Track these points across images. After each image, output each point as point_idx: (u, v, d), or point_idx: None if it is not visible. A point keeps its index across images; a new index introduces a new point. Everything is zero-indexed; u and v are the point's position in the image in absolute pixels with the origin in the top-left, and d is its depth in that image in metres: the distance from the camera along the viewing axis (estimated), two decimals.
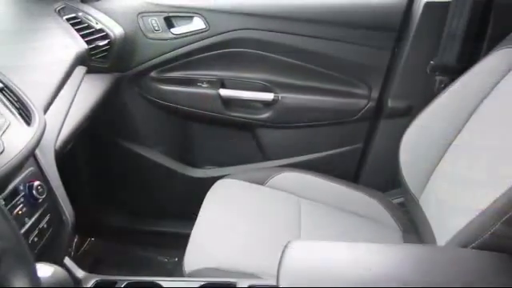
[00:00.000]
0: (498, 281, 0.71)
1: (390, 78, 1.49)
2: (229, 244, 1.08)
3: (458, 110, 1.13)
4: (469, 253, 0.77)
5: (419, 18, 1.37)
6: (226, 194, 1.29)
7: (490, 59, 1.11)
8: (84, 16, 1.35)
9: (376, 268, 0.72)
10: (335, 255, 0.76)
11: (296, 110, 1.55)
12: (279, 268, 0.72)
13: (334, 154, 1.59)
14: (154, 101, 1.57)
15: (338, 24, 1.46)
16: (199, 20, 1.48)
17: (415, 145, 1.23)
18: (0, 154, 0.70)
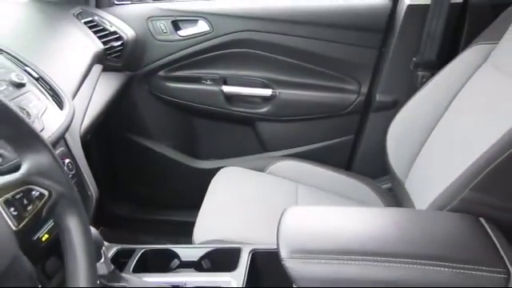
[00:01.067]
0: (462, 237, 0.81)
1: (378, 75, 1.57)
2: (232, 220, 1.17)
3: (438, 101, 1.21)
4: (441, 214, 0.88)
5: (402, 19, 1.46)
6: (230, 179, 1.37)
7: (465, 55, 1.20)
8: (99, 20, 1.46)
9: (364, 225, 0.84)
10: (328, 217, 0.87)
11: (292, 104, 1.63)
12: (278, 230, 0.83)
13: (327, 144, 1.66)
14: (162, 97, 1.66)
15: (330, 26, 1.54)
16: (204, 23, 1.57)
17: (400, 134, 1.30)
18: (41, 131, 0.81)
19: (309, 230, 0.83)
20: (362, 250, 0.76)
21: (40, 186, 0.55)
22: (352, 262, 0.75)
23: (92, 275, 0.58)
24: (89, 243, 0.59)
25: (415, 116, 1.27)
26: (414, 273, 0.73)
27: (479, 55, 1.16)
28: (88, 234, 0.59)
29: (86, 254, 0.58)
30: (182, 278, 0.90)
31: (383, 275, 0.74)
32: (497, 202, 0.86)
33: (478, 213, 0.87)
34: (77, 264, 0.57)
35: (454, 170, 0.93)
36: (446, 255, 0.75)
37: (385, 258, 0.74)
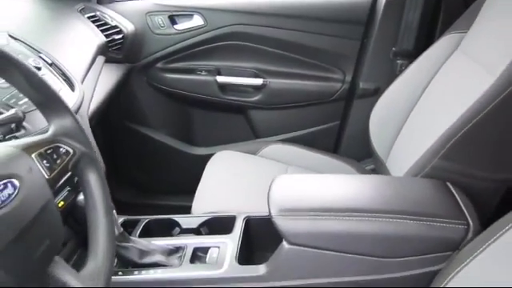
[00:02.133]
0: (430, 196, 0.91)
1: (361, 64, 1.65)
2: (228, 195, 1.25)
3: (415, 87, 1.28)
4: (412, 179, 0.98)
5: (382, 12, 1.54)
6: (224, 161, 1.44)
7: (439, 43, 1.27)
8: (101, 15, 1.54)
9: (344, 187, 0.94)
10: (312, 182, 0.97)
11: (282, 92, 1.71)
12: (268, 194, 0.92)
13: (315, 130, 1.74)
14: (159, 88, 1.74)
15: (316, 19, 1.62)
16: (198, 17, 1.66)
17: (382, 118, 1.38)
18: None
19: (295, 192, 0.93)
20: (342, 208, 0.86)
21: (66, 144, 0.65)
22: (333, 217, 0.85)
23: (110, 221, 0.68)
24: (106, 194, 0.68)
25: (395, 101, 1.34)
26: (387, 225, 0.83)
27: (451, 43, 1.24)
28: (105, 187, 0.69)
29: (104, 203, 0.68)
30: (183, 241, 0.99)
31: (360, 228, 0.84)
32: (461, 169, 0.96)
33: (446, 178, 0.97)
34: (96, 211, 0.67)
35: (425, 143, 1.02)
36: (415, 211, 0.85)
37: (361, 213, 0.85)
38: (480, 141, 0.95)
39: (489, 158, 0.97)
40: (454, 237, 0.82)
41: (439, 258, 0.83)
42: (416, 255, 0.84)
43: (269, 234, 0.94)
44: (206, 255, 0.95)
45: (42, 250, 0.55)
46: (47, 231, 0.56)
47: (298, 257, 0.86)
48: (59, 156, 0.63)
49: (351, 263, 0.85)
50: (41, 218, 0.55)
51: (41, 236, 0.55)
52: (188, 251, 0.95)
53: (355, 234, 0.84)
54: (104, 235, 0.66)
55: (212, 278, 0.89)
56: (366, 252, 0.85)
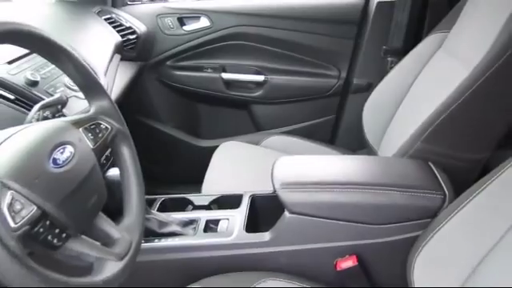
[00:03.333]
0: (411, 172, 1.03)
1: (354, 61, 1.76)
2: (234, 178, 1.36)
3: (403, 82, 1.38)
4: (397, 159, 1.10)
5: (373, 14, 1.66)
6: (230, 151, 1.55)
7: (425, 42, 1.37)
8: (116, 17, 1.67)
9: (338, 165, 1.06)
10: (311, 161, 1.09)
11: (282, 88, 1.82)
12: (272, 172, 1.04)
13: (313, 123, 1.85)
14: (169, 84, 1.86)
15: (313, 20, 1.73)
16: (205, 19, 1.78)
17: (374, 111, 1.47)
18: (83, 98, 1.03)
19: (295, 169, 1.05)
20: (336, 181, 0.98)
21: (104, 121, 0.77)
22: (328, 190, 0.97)
23: (140, 185, 0.80)
24: (137, 164, 0.81)
25: (385, 95, 1.44)
26: (375, 196, 0.95)
27: (436, 42, 1.34)
28: (136, 158, 0.81)
29: (135, 170, 0.80)
30: (196, 214, 1.11)
31: (351, 198, 0.96)
32: (441, 151, 1.07)
33: (427, 159, 1.07)
34: (129, 177, 0.79)
35: (410, 130, 1.13)
36: (399, 183, 0.97)
37: (353, 186, 0.97)
38: (456, 126, 1.05)
39: (465, 141, 1.07)
40: (433, 205, 0.94)
41: (420, 224, 0.94)
42: (400, 222, 0.95)
43: (272, 208, 1.06)
44: (217, 226, 1.07)
45: (91, 204, 0.67)
46: (95, 189, 0.69)
47: (297, 224, 0.98)
48: (100, 131, 0.75)
49: (344, 229, 0.97)
50: (90, 178, 0.67)
51: (90, 192, 0.67)
52: (201, 223, 1.07)
53: (347, 203, 0.96)
54: (136, 196, 0.78)
55: (223, 244, 1.00)
56: (357, 219, 0.96)
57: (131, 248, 0.71)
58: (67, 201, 0.61)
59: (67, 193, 0.62)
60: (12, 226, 0.52)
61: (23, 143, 0.61)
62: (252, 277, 0.96)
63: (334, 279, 0.99)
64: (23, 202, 0.55)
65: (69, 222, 0.61)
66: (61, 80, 1.04)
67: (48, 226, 0.58)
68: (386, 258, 0.98)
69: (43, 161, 0.61)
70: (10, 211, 0.53)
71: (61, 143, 0.64)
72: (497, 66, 0.98)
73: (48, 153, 0.62)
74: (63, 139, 0.65)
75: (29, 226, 0.54)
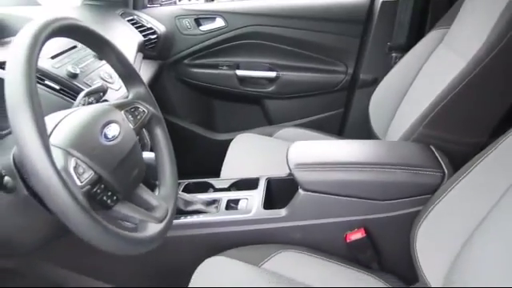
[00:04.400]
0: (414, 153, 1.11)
1: (361, 58, 1.83)
2: (250, 165, 1.44)
3: (407, 76, 1.44)
4: (401, 142, 1.19)
5: (378, 13, 1.73)
6: (245, 142, 1.63)
7: (427, 38, 1.44)
8: (138, 18, 1.77)
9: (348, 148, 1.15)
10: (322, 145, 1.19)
11: (293, 84, 1.90)
12: (287, 155, 1.13)
13: (322, 116, 1.93)
14: (186, 81, 1.96)
15: (321, 19, 1.82)
16: (220, 20, 1.87)
17: (379, 104, 1.54)
18: (119, 88, 1.14)
19: (308, 152, 1.14)
20: (346, 162, 1.07)
21: (142, 106, 0.87)
22: (338, 169, 1.06)
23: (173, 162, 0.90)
24: (169, 144, 0.90)
25: (390, 89, 1.50)
26: (380, 174, 1.04)
27: (437, 38, 1.41)
28: (168, 139, 0.91)
29: (168, 149, 0.90)
30: (218, 195, 1.20)
31: (359, 177, 1.05)
32: (441, 135, 1.15)
33: (429, 143, 1.16)
34: (163, 154, 0.89)
35: (413, 117, 1.21)
36: (401, 162, 1.05)
37: (361, 165, 1.06)
38: (455, 112, 1.13)
39: (463, 126, 1.15)
40: (433, 182, 1.02)
41: (422, 200, 1.02)
42: (404, 198, 1.04)
43: (286, 189, 1.16)
44: (237, 205, 1.16)
45: (134, 175, 0.77)
46: (136, 163, 0.79)
47: (311, 201, 1.07)
48: (138, 113, 0.85)
49: (353, 205, 1.05)
50: (133, 152, 0.77)
51: (133, 165, 0.77)
52: (223, 202, 1.16)
53: (356, 181, 1.05)
54: (169, 170, 0.88)
55: (243, 220, 1.10)
56: (365, 196, 1.05)
57: (168, 213, 0.81)
58: (117, 170, 0.71)
59: (116, 163, 0.72)
60: (78, 184, 0.62)
61: (79, 121, 0.71)
62: (269, 249, 1.05)
63: (344, 251, 1.07)
64: (84, 168, 0.65)
65: (118, 188, 0.71)
66: (97, 73, 1.15)
67: (103, 189, 0.68)
68: (391, 230, 1.06)
69: (97, 135, 0.71)
70: (75, 173, 0.63)
71: (109, 121, 0.74)
72: (491, 57, 1.06)
73: (100, 129, 0.72)
74: (110, 118, 0.75)
75: (89, 186, 0.65)
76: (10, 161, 0.69)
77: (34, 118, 0.56)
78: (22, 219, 0.73)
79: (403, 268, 1.03)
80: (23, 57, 0.59)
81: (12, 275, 1.13)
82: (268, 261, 1.01)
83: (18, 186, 0.69)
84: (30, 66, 0.59)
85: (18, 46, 0.60)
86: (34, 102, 0.57)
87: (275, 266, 1.01)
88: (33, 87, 0.58)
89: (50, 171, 0.56)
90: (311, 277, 0.99)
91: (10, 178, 0.68)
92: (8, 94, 0.57)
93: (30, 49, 0.60)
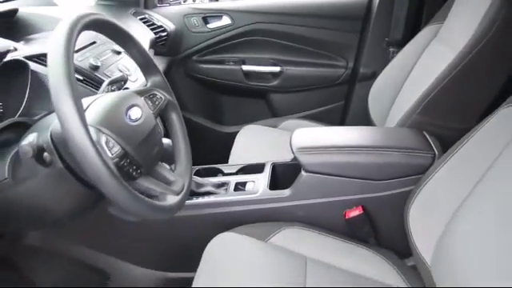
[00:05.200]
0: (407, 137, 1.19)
1: (360, 53, 1.91)
2: (256, 152, 1.52)
3: (404, 69, 1.50)
4: (396, 128, 1.27)
5: (376, 10, 1.81)
6: (251, 133, 1.71)
7: (421, 34, 1.51)
8: (149, 17, 1.86)
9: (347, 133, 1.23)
10: (323, 131, 1.27)
11: (296, 78, 1.98)
12: (291, 139, 1.21)
13: (323, 109, 2.01)
14: (195, 76, 2.04)
15: (323, 16, 1.90)
16: (227, 18, 1.96)
17: (378, 96, 1.61)
18: (135, 80, 1.23)
19: (310, 137, 1.22)
20: (344, 145, 1.15)
21: (159, 93, 0.96)
22: (338, 152, 1.14)
23: (187, 143, 0.99)
24: (183, 127, 0.99)
25: (388, 81, 1.57)
26: (376, 156, 1.13)
27: (431, 33, 1.47)
28: (183, 123, 1.00)
29: (183, 133, 0.99)
30: (226, 178, 1.29)
31: (357, 159, 1.13)
32: (433, 121, 1.23)
33: (422, 129, 1.24)
34: (178, 136, 0.98)
35: (408, 105, 1.29)
36: (396, 145, 1.14)
37: (359, 148, 1.14)
38: (446, 100, 1.21)
39: (453, 113, 1.23)
40: (425, 163, 1.10)
41: (414, 179, 1.09)
42: (398, 177, 1.12)
43: (290, 173, 1.23)
44: (244, 187, 1.25)
45: (154, 153, 0.86)
46: (156, 142, 0.88)
47: (312, 181, 1.15)
48: (157, 99, 0.94)
49: (352, 185, 1.14)
50: (153, 133, 0.86)
51: (153, 144, 0.86)
52: (231, 184, 1.25)
53: (355, 163, 1.13)
54: (184, 150, 0.98)
55: (250, 200, 1.18)
56: (363, 176, 1.13)
57: (184, 187, 0.90)
58: (140, 147, 0.81)
59: (139, 141, 0.81)
60: (110, 156, 0.72)
61: (107, 104, 0.81)
62: (275, 226, 1.14)
63: (344, 227, 1.16)
64: (113, 143, 0.74)
65: (141, 163, 0.80)
66: (115, 66, 1.24)
67: (128, 163, 0.77)
68: (387, 208, 1.14)
69: (122, 116, 0.80)
70: (106, 147, 0.72)
71: (132, 105, 0.84)
72: (478, 50, 1.14)
73: (124, 111, 0.81)
74: (133, 102, 0.85)
75: (118, 159, 0.74)
76: (48, 138, 0.78)
77: (73, 99, 0.65)
78: (56, 191, 0.82)
79: (398, 243, 1.11)
80: (63, 47, 0.68)
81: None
82: (273, 236, 1.10)
83: (54, 160, 0.78)
84: (69, 54, 0.68)
85: (58, 37, 0.69)
86: (74, 86, 0.66)
87: (280, 241, 1.09)
88: (72, 73, 0.67)
89: (87, 143, 0.65)
90: (313, 250, 1.07)
91: (48, 154, 0.77)
92: (51, 79, 0.66)
93: (68, 39, 0.69)
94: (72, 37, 0.70)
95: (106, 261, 1.28)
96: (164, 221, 1.19)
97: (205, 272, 1.01)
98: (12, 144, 0.87)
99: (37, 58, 1.03)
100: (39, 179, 0.79)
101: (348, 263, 1.05)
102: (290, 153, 1.26)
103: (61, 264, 1.30)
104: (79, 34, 0.73)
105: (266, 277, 0.97)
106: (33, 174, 0.79)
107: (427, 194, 1.02)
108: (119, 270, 1.29)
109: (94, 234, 1.24)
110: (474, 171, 0.88)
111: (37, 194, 0.81)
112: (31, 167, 0.78)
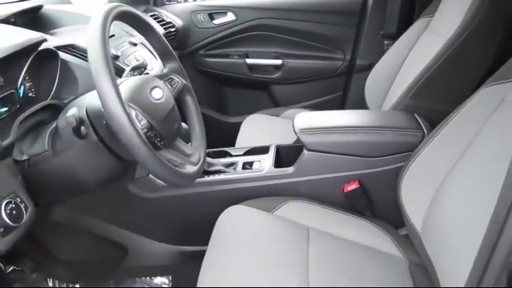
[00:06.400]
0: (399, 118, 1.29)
1: (357, 46, 2.00)
2: (260, 137, 1.61)
3: (398, 60, 1.58)
4: (390, 111, 1.37)
5: (371, 5, 1.91)
6: (255, 121, 1.82)
7: (414, 27, 1.60)
8: (159, 14, 1.96)
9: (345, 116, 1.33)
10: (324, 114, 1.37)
11: (296, 70, 2.08)
12: (293, 123, 1.31)
13: (323, 99, 2.11)
14: (201, 69, 2.14)
15: (322, 12, 1.99)
16: (231, 14, 2.06)
17: (374, 85, 1.70)
18: (151, 70, 1.33)
19: (311, 119, 1.33)
20: (343, 126, 1.26)
21: (176, 77, 1.07)
22: (337, 132, 1.25)
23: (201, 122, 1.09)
24: (197, 108, 1.10)
25: (383, 72, 1.65)
26: (371, 135, 1.23)
27: (423, 26, 1.56)
28: (197, 105, 1.11)
29: (197, 113, 1.09)
30: (234, 159, 1.39)
31: (354, 138, 1.23)
32: (424, 105, 1.33)
33: (414, 112, 1.33)
34: (193, 117, 1.09)
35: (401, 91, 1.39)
36: (389, 125, 1.24)
37: (355, 128, 1.25)
38: (435, 84, 1.31)
39: (442, 96, 1.32)
40: (415, 141, 1.19)
41: (406, 156, 1.18)
42: (390, 154, 1.22)
43: (292, 154, 1.33)
44: (251, 167, 1.35)
45: (175, 128, 0.97)
46: (175, 119, 0.98)
47: (313, 159, 1.25)
48: (174, 83, 1.05)
49: (349, 162, 1.23)
50: (173, 111, 0.97)
51: (174, 120, 0.97)
52: (239, 164, 1.35)
53: (352, 141, 1.23)
54: (198, 127, 1.08)
55: (257, 177, 1.28)
56: (359, 153, 1.23)
57: (200, 159, 1.01)
58: (163, 122, 0.91)
59: (162, 117, 0.92)
60: (140, 127, 0.82)
61: (133, 85, 0.91)
62: (279, 200, 1.23)
63: (342, 200, 1.26)
64: (141, 117, 0.85)
65: (164, 135, 0.91)
66: (133, 56, 1.35)
67: (154, 134, 0.88)
68: (381, 182, 1.24)
69: (147, 95, 0.91)
70: (136, 119, 0.83)
71: (154, 86, 0.94)
72: (465, 36, 1.24)
73: (149, 91, 0.92)
74: (155, 84, 0.95)
75: (146, 130, 0.85)
76: (84, 114, 0.89)
77: (111, 78, 0.75)
78: (90, 161, 0.93)
79: (392, 214, 1.21)
80: (100, 34, 0.78)
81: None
82: (278, 209, 1.19)
83: (89, 133, 0.89)
84: (105, 40, 0.79)
85: (95, 26, 0.80)
86: (111, 66, 0.77)
87: (284, 213, 1.18)
88: (109, 56, 0.78)
89: (123, 114, 0.75)
90: (314, 221, 1.17)
91: (84, 127, 0.88)
92: (92, 61, 0.76)
93: (103, 27, 0.80)
94: (106, 25, 0.81)
95: (125, 236, 1.38)
96: (178, 197, 1.30)
97: (217, 240, 1.10)
98: (47, 123, 0.98)
99: (64, 48, 1.14)
100: (75, 150, 0.90)
101: (347, 233, 1.15)
102: (292, 138, 1.38)
103: (82, 239, 1.39)
104: (112, 23, 0.84)
105: (272, 244, 1.06)
106: (70, 145, 0.89)
107: (417, 169, 1.11)
108: (137, 244, 1.39)
109: (114, 210, 1.34)
110: (457, 146, 0.96)
111: (73, 164, 0.92)
112: (69, 140, 0.88)
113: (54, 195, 1.04)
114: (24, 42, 0.96)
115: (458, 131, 1.01)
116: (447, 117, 1.07)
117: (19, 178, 0.90)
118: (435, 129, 1.09)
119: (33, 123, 0.99)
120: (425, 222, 0.98)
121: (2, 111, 0.94)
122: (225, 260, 1.01)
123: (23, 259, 1.29)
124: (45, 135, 0.93)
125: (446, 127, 1.06)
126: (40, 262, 1.34)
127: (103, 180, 0.99)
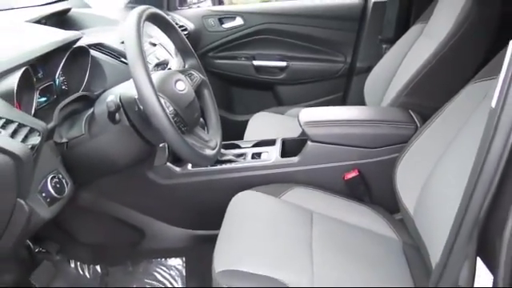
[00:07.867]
0: (395, 113, 1.39)
1: (357, 49, 2.10)
2: (267, 132, 1.68)
3: (395, 62, 1.67)
4: (386, 107, 1.48)
5: (370, 11, 2.01)
6: (261, 118, 1.92)
7: (410, 32, 1.69)
8: (172, 18, 2.05)
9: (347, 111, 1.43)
10: (326, 109, 1.48)
11: (300, 72, 2.18)
12: (298, 117, 1.41)
13: (324, 99, 2.20)
14: (211, 71, 2.22)
15: (324, 18, 2.09)
16: (239, 19, 2.15)
17: (372, 86, 1.78)
18: (169, 68, 1.44)
19: (315, 113, 1.43)
20: (344, 119, 1.36)
21: (195, 73, 1.18)
22: (339, 125, 1.35)
23: (217, 113, 1.20)
24: (213, 101, 1.21)
25: (381, 74, 1.74)
26: (370, 128, 1.33)
27: (418, 31, 1.64)
28: (213, 97, 1.21)
29: (213, 105, 1.20)
30: (244, 150, 1.49)
31: (355, 130, 1.33)
32: (419, 102, 1.43)
33: (409, 109, 1.43)
34: (210, 109, 1.20)
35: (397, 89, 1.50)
36: (385, 119, 1.34)
37: (355, 121, 1.35)
38: (429, 83, 1.41)
39: (434, 94, 1.40)
40: (409, 133, 1.29)
41: (401, 147, 1.27)
42: (386, 145, 1.32)
43: (296, 146, 1.43)
44: (259, 157, 1.45)
45: (195, 116, 1.08)
46: (196, 109, 1.09)
47: (317, 150, 1.35)
48: (194, 77, 1.16)
49: (350, 152, 1.34)
50: (193, 101, 1.08)
51: (194, 110, 1.08)
52: (248, 154, 1.45)
53: (352, 133, 1.34)
54: (215, 118, 1.19)
55: (265, 165, 1.38)
56: (358, 144, 1.33)
57: (217, 144, 1.12)
58: (186, 110, 1.02)
59: (185, 105, 1.02)
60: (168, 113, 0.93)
61: (160, 78, 1.02)
62: (285, 186, 1.33)
63: (343, 187, 1.36)
64: (168, 104, 0.96)
65: (187, 122, 1.02)
66: (153, 55, 1.46)
67: (179, 120, 0.99)
68: (378, 171, 1.34)
69: (172, 87, 1.02)
70: (165, 106, 0.94)
71: (178, 79, 1.05)
72: (456, 38, 1.34)
73: (173, 83, 1.03)
74: (178, 77, 1.06)
75: (172, 115, 0.96)
76: (117, 101, 1.00)
77: (146, 69, 0.87)
78: (122, 144, 1.04)
79: (388, 201, 1.30)
80: (135, 31, 0.89)
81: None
82: (285, 194, 1.29)
83: (122, 118, 0.99)
84: (140, 37, 0.90)
85: (131, 24, 0.91)
86: (145, 60, 0.88)
87: (290, 198, 1.28)
88: (143, 51, 0.88)
89: (155, 101, 0.86)
90: (317, 206, 1.27)
91: (118, 114, 0.99)
92: (129, 54, 0.87)
93: (138, 26, 0.91)
94: (141, 24, 0.92)
95: (143, 220, 1.47)
96: (192, 184, 1.39)
97: (229, 222, 1.20)
98: (80, 112, 1.09)
99: (94, 47, 1.25)
100: (109, 134, 1.01)
101: (347, 217, 1.24)
102: (296, 133, 1.48)
103: (103, 223, 1.49)
104: (144, 22, 0.95)
105: (280, 224, 1.15)
106: (105, 129, 1.00)
107: (410, 158, 1.20)
108: (153, 228, 1.48)
109: (134, 195, 1.43)
110: (446, 137, 1.04)
111: (106, 146, 1.03)
112: (104, 124, 0.99)
113: (88, 174, 1.14)
114: (63, 40, 1.07)
115: (447, 124, 1.10)
116: (437, 112, 1.16)
117: (59, 157, 1.01)
118: (426, 122, 1.18)
119: (68, 112, 1.10)
120: (417, 204, 1.07)
121: (42, 100, 1.05)
122: (238, 232, 1.11)
123: (48, 242, 1.39)
124: (81, 121, 1.04)
125: (437, 120, 1.15)
126: (63, 245, 1.44)
127: (131, 162, 1.09)
